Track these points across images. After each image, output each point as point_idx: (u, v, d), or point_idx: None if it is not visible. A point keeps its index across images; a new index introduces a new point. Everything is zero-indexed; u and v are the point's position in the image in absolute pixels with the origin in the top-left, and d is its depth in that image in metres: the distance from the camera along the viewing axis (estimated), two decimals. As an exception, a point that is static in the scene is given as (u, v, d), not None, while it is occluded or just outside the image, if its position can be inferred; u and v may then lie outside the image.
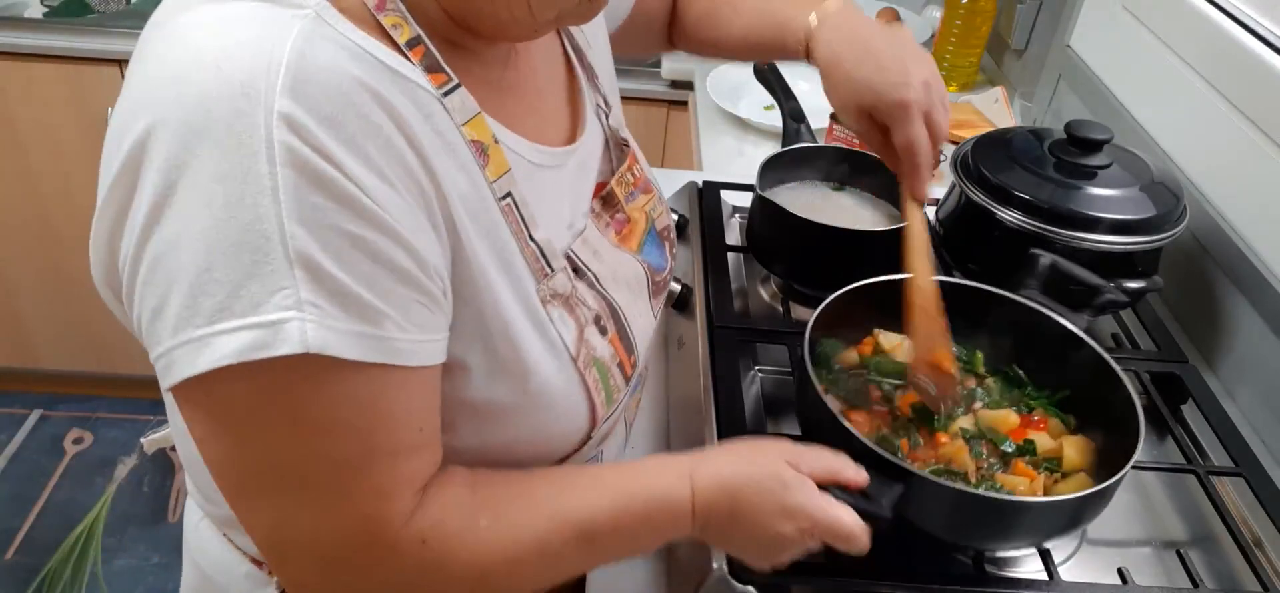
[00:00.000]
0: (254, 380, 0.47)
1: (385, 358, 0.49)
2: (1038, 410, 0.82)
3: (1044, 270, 0.90)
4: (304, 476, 0.51)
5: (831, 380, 0.82)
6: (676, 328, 1.01)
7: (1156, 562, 0.82)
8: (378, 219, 0.48)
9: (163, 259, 0.47)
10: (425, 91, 0.53)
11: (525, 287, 0.59)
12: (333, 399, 0.49)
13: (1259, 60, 0.99)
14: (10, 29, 1.75)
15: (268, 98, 0.45)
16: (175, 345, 0.47)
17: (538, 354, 0.60)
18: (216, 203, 0.45)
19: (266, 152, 0.45)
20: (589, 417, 0.65)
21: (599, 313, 0.65)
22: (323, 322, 0.46)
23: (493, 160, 0.58)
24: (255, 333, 0.46)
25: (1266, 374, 0.95)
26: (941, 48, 1.71)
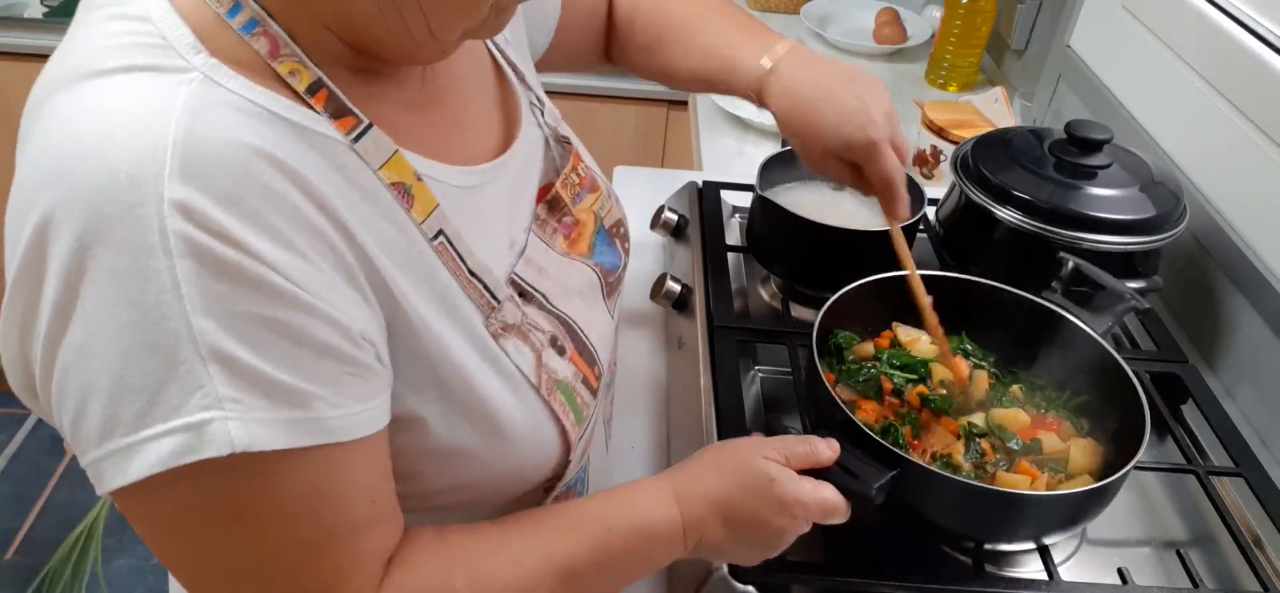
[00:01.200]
0: (189, 484, 0.45)
1: (319, 438, 0.47)
2: (1053, 413, 0.82)
3: (1068, 274, 0.91)
4: (259, 569, 0.49)
5: (843, 371, 0.82)
6: (676, 328, 1.01)
7: (1156, 562, 0.82)
8: (292, 298, 0.45)
9: (74, 368, 0.45)
10: (332, 141, 0.50)
11: (473, 325, 0.57)
12: (274, 491, 0.47)
13: (1259, 60, 0.99)
14: (10, 29, 1.75)
15: (156, 186, 0.42)
16: (101, 456, 0.45)
17: (496, 392, 0.57)
18: (120, 306, 0.43)
19: (161, 245, 0.42)
20: (562, 442, 0.62)
21: (554, 334, 0.63)
22: (246, 416, 0.44)
23: (418, 200, 0.54)
24: (179, 438, 0.43)
25: (1266, 374, 0.95)
26: (941, 48, 1.71)
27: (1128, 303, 0.87)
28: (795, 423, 0.91)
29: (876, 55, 1.84)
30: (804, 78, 0.77)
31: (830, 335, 0.84)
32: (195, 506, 0.47)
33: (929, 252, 1.11)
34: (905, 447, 0.75)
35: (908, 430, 0.77)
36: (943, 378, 0.82)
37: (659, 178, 1.32)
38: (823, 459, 0.65)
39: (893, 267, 0.85)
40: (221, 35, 0.48)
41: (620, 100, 1.82)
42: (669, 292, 1.00)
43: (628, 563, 0.62)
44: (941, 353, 0.80)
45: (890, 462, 0.67)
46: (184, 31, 0.47)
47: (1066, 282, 0.90)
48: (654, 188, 1.24)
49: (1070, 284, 0.90)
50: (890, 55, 1.84)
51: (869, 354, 0.84)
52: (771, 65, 0.78)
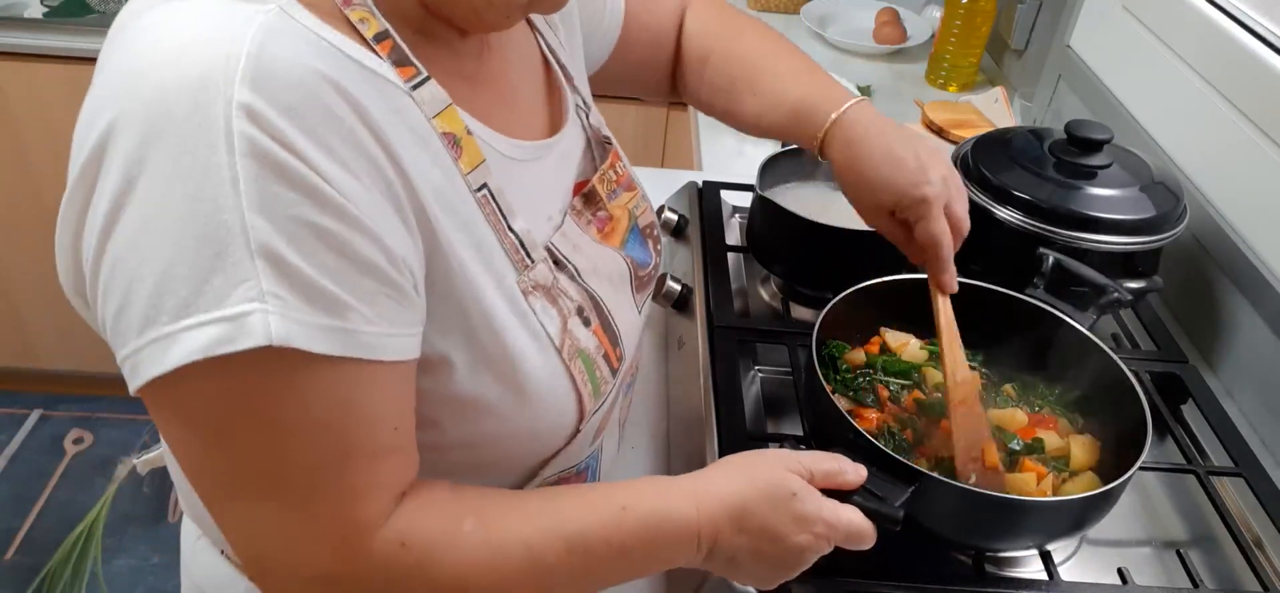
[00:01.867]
0: (222, 378, 0.46)
1: (351, 351, 0.48)
2: (1047, 409, 0.82)
3: (1049, 269, 0.90)
4: (277, 478, 0.50)
5: (838, 381, 0.82)
6: (676, 328, 1.01)
7: (1156, 562, 0.82)
8: (341, 210, 0.47)
9: (125, 257, 0.46)
10: (393, 85, 0.53)
11: (506, 278, 0.59)
12: (302, 396, 0.48)
13: (1259, 60, 0.99)
14: (10, 29, 1.75)
15: (226, 89, 0.45)
16: (141, 345, 0.46)
17: (522, 344, 0.59)
18: (177, 197, 0.45)
19: (226, 142, 0.44)
20: (576, 409, 0.63)
21: (581, 304, 0.64)
22: (286, 314, 0.45)
23: (466, 152, 0.57)
24: (220, 327, 0.45)
25: (1266, 374, 0.95)
26: (941, 48, 1.71)
27: (1110, 296, 0.88)
28: (795, 427, 0.91)
29: (876, 55, 1.84)
30: (867, 132, 0.77)
31: (823, 346, 0.84)
32: (224, 405, 0.48)
33: (929, 252, 1.11)
34: (912, 454, 0.75)
35: (909, 433, 0.77)
36: (937, 382, 0.82)
37: (659, 178, 1.32)
38: (849, 481, 0.64)
39: (892, 269, 0.85)
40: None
41: (620, 100, 1.82)
42: (669, 292, 1.00)
43: (638, 550, 0.60)
44: (988, 446, 0.74)
45: (908, 477, 0.66)
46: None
47: (1048, 278, 0.90)
48: (654, 188, 1.23)
49: (1056, 282, 0.90)
50: (890, 55, 1.84)
51: (861, 362, 0.84)
52: (837, 116, 0.78)
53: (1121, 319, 1.06)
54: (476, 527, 0.56)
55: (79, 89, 0.51)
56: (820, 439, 0.76)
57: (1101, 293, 0.88)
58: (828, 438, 0.73)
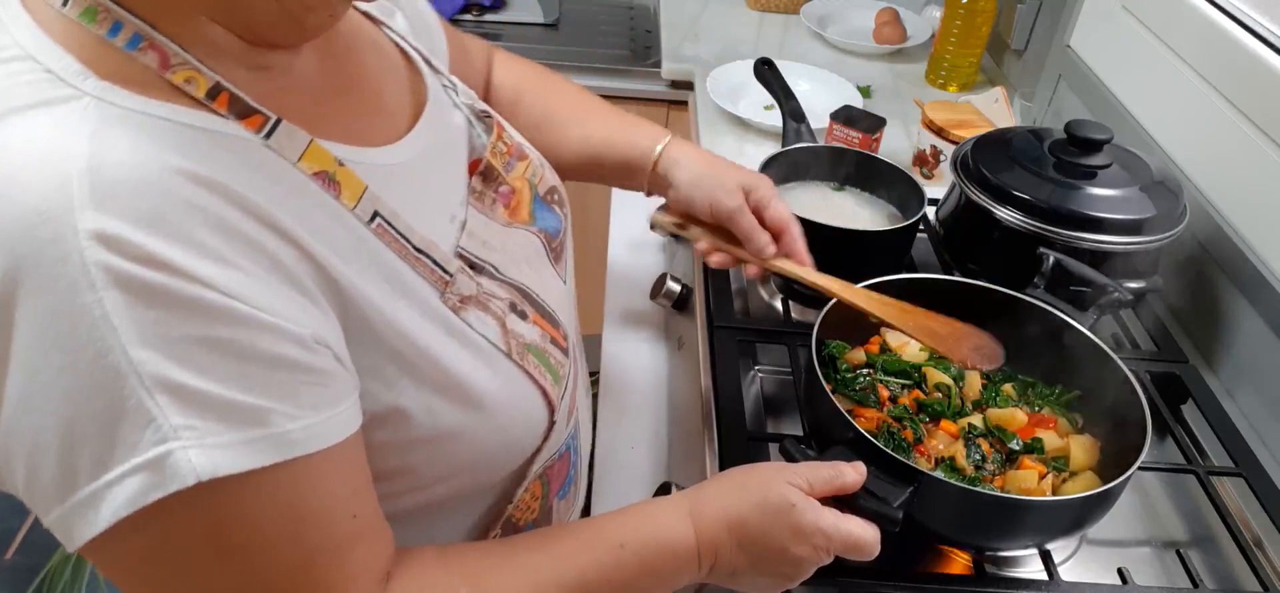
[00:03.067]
0: (159, 523, 0.43)
1: (284, 454, 0.45)
2: (1047, 409, 0.82)
3: (1049, 269, 0.91)
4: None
5: (838, 381, 0.82)
6: (676, 328, 1.01)
7: (1156, 562, 0.82)
8: (230, 312, 0.43)
9: (20, 424, 0.43)
10: (245, 140, 0.48)
11: (430, 302, 0.55)
12: (246, 517, 0.45)
13: (1259, 60, 0.99)
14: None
15: (68, 219, 0.40)
16: (66, 512, 0.43)
17: (469, 366, 0.56)
18: (54, 351, 0.41)
19: (85, 279, 0.40)
20: (544, 403, 0.62)
21: (513, 300, 0.62)
22: (204, 442, 0.42)
23: (345, 186, 0.52)
24: (141, 477, 0.42)
25: (1266, 374, 0.95)
26: (941, 48, 1.71)
27: (1110, 296, 0.88)
28: (795, 427, 0.91)
29: (876, 55, 1.84)
30: (690, 156, 0.85)
31: (822, 346, 0.84)
32: (168, 545, 0.45)
33: (929, 252, 1.11)
34: (912, 454, 0.75)
35: (908, 433, 0.77)
36: (937, 382, 0.82)
37: (659, 178, 1.32)
38: (849, 484, 0.63)
39: (896, 267, 0.85)
40: (107, 57, 0.45)
41: (620, 100, 1.82)
42: (669, 292, 1.01)
43: (640, 582, 0.60)
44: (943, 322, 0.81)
45: (908, 477, 0.66)
46: (68, 60, 0.44)
47: (1048, 278, 0.90)
48: (654, 188, 1.24)
49: (1056, 282, 0.90)
50: (890, 55, 1.84)
51: (861, 361, 0.84)
52: (663, 147, 0.86)
53: (1121, 319, 1.06)
54: (473, 591, 0.55)
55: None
56: (820, 439, 0.76)
57: (1101, 293, 0.88)
58: (828, 438, 0.73)
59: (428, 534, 0.62)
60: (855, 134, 1.32)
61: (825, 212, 1.03)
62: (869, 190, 1.11)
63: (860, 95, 1.63)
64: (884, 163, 1.10)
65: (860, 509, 0.63)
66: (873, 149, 1.31)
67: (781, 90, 1.30)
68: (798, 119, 1.26)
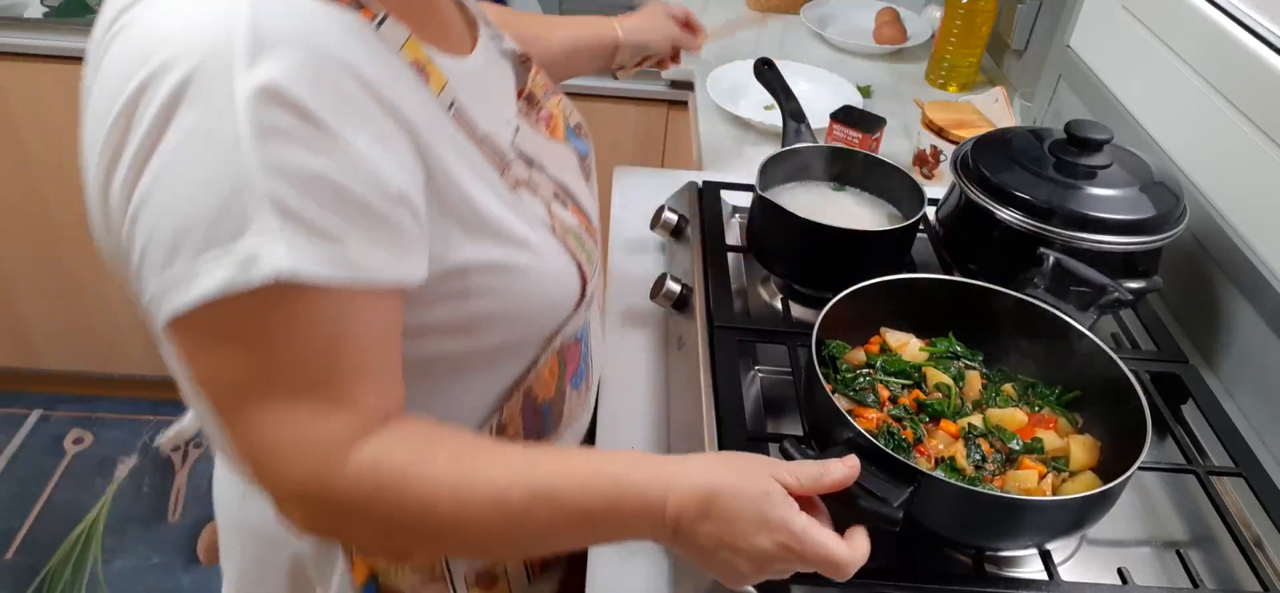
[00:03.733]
0: (236, 306, 0.53)
1: (348, 276, 0.55)
2: (1047, 409, 0.82)
3: (1049, 269, 0.90)
4: (275, 386, 0.56)
5: (838, 381, 0.82)
6: (676, 328, 1.01)
7: (1156, 562, 0.82)
8: (337, 156, 0.54)
9: (149, 203, 0.53)
10: (363, 26, 0.59)
11: (491, 179, 0.67)
12: (303, 316, 0.55)
13: (1259, 60, 0.99)
14: (10, 29, 1.75)
15: (230, 56, 0.51)
16: (164, 284, 0.53)
17: (521, 233, 0.68)
18: (195, 151, 0.52)
19: (232, 106, 0.51)
20: (578, 276, 0.74)
21: (556, 190, 0.76)
22: (292, 249, 0.52)
23: (432, 76, 0.64)
24: (231, 266, 0.52)
25: (1266, 374, 0.95)
26: (941, 48, 1.71)
27: (1110, 296, 0.88)
28: (795, 427, 0.91)
29: (876, 55, 1.84)
30: (642, 25, 1.20)
31: (822, 346, 0.84)
32: (236, 331, 0.55)
33: (929, 252, 1.11)
34: (911, 454, 0.75)
35: (908, 433, 0.77)
36: (937, 382, 0.82)
37: (659, 178, 1.32)
38: (836, 478, 0.62)
39: (890, 270, 0.85)
40: None
41: (620, 100, 1.82)
42: (669, 292, 1.00)
43: (603, 515, 0.61)
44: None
45: (908, 477, 0.66)
46: None
47: (1048, 278, 0.90)
48: (654, 188, 1.24)
49: (1056, 282, 0.90)
50: (890, 55, 1.84)
51: (861, 362, 0.84)
52: (622, 33, 1.17)
53: (1121, 319, 1.06)
54: (450, 460, 0.60)
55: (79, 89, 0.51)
56: (820, 439, 0.76)
57: (1101, 293, 0.88)
58: (828, 438, 0.73)
59: (459, 389, 0.73)
60: (855, 134, 1.32)
61: (825, 212, 1.03)
62: (869, 190, 1.11)
63: (860, 95, 1.63)
64: (884, 163, 1.10)
65: (861, 509, 0.63)
66: (873, 149, 1.31)
67: (781, 90, 1.30)
68: (798, 119, 1.26)
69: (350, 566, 0.78)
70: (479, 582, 0.83)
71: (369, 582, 0.79)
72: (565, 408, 0.83)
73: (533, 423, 0.80)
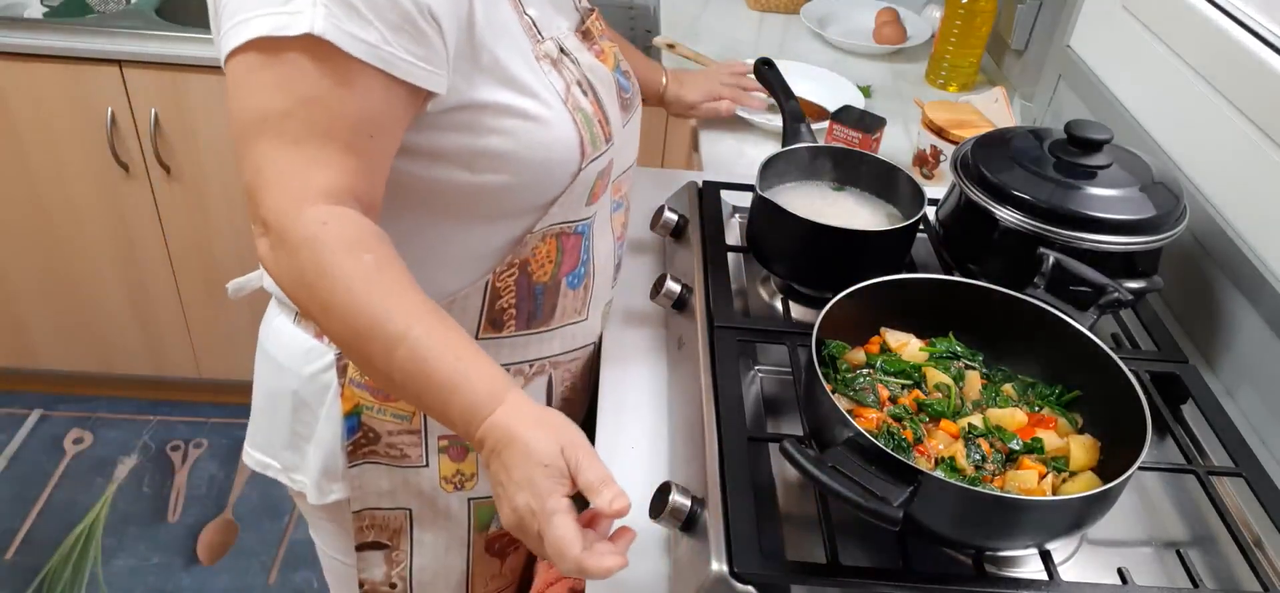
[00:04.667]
0: (274, 50, 0.65)
1: (370, 56, 0.66)
2: (1047, 409, 0.82)
3: (1049, 269, 0.90)
4: (279, 125, 0.66)
5: (838, 381, 0.82)
6: (676, 328, 1.01)
7: (1156, 562, 0.82)
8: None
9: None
10: None
11: (521, 43, 0.78)
12: (320, 76, 0.66)
13: (1259, 60, 0.99)
14: (10, 29, 1.75)
15: None
16: (231, 26, 0.66)
17: (534, 90, 0.78)
18: None
19: None
20: (578, 147, 0.82)
21: (581, 80, 0.84)
22: (329, 17, 0.64)
23: None
24: (281, 17, 0.64)
25: (1266, 374, 0.95)
26: (941, 48, 1.71)
27: (1110, 296, 0.88)
28: (795, 426, 0.91)
29: (876, 55, 1.84)
30: (686, 80, 1.38)
31: (822, 346, 0.84)
32: (269, 66, 0.66)
33: (929, 252, 1.11)
34: (911, 454, 0.75)
35: (908, 433, 0.77)
36: (937, 382, 0.82)
37: (659, 178, 1.32)
38: (599, 508, 0.66)
39: (896, 267, 0.85)
40: None
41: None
42: (669, 292, 1.00)
43: (440, 395, 0.68)
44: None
45: (907, 477, 0.66)
46: None
47: (1048, 278, 0.90)
48: (654, 188, 1.24)
49: (1056, 282, 0.90)
50: (890, 55, 1.84)
51: (861, 362, 0.84)
52: (667, 84, 1.36)
53: (1121, 319, 1.06)
54: (372, 265, 0.67)
55: (79, 89, 0.52)
56: (820, 439, 0.76)
57: (1101, 293, 0.88)
58: (828, 438, 0.73)
59: (460, 231, 0.84)
60: (855, 134, 1.32)
61: (825, 212, 1.03)
62: (869, 190, 1.11)
63: (861, 95, 1.63)
64: (884, 163, 1.10)
65: (861, 509, 0.63)
66: (873, 149, 1.31)
67: (781, 90, 1.30)
68: (798, 119, 1.26)
69: (340, 394, 0.89)
70: (449, 451, 0.95)
71: (353, 414, 0.91)
72: (559, 302, 0.92)
73: (526, 304, 0.90)
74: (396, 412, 0.91)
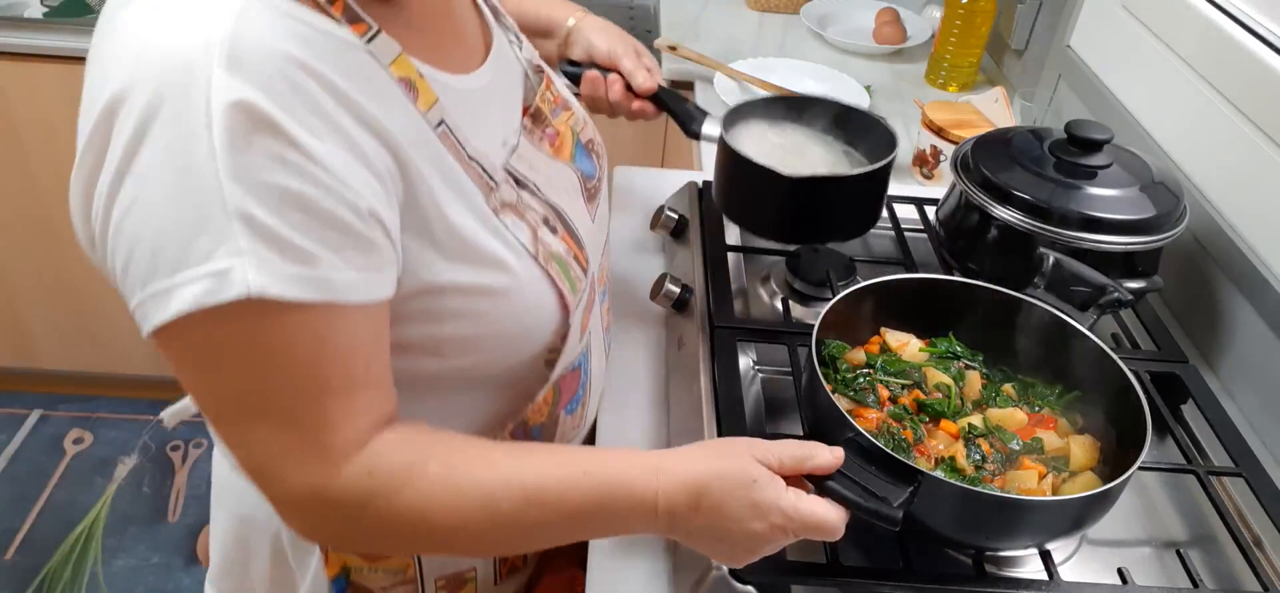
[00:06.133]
0: (214, 323, 0.54)
1: (322, 295, 0.55)
2: (1047, 409, 0.82)
3: (1049, 269, 0.91)
4: (266, 405, 0.57)
5: (838, 381, 0.82)
6: (676, 328, 1.01)
7: (1156, 562, 0.82)
8: (307, 172, 0.54)
9: (128, 220, 0.53)
10: (352, 44, 0.59)
11: (475, 200, 0.66)
12: (281, 336, 0.55)
13: (1259, 60, 0.99)
14: (10, 29, 1.75)
15: (206, 71, 0.51)
16: (144, 298, 0.54)
17: (499, 256, 0.67)
18: (169, 169, 0.52)
19: (206, 119, 0.51)
20: (559, 304, 0.72)
21: (546, 215, 0.73)
22: (262, 267, 0.52)
23: (422, 93, 0.63)
24: (207, 282, 0.52)
25: (1266, 374, 0.95)
26: (941, 48, 1.71)
27: (1110, 296, 0.88)
28: (795, 427, 0.91)
29: (876, 55, 1.84)
30: (599, 22, 1.07)
31: (822, 346, 0.84)
32: (217, 346, 0.56)
33: (929, 252, 1.11)
34: (911, 454, 0.75)
35: (908, 433, 0.77)
36: (937, 382, 0.82)
37: (659, 178, 1.32)
38: (821, 464, 0.64)
39: (887, 269, 0.85)
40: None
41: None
42: (669, 292, 1.00)
43: (595, 513, 0.64)
44: None
45: (907, 477, 0.66)
46: None
47: (1048, 278, 0.90)
48: (654, 188, 1.24)
49: (1056, 282, 0.90)
50: (890, 55, 1.84)
51: (861, 361, 0.84)
52: (582, 17, 1.07)
53: (1121, 319, 1.06)
54: (441, 468, 0.61)
55: (79, 89, 0.52)
56: (820, 439, 0.76)
57: (1101, 293, 0.88)
58: (828, 438, 0.73)
59: (449, 412, 0.73)
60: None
61: (789, 159, 0.96)
62: (843, 142, 1.03)
63: (866, 94, 1.62)
64: (859, 111, 1.03)
65: (860, 509, 0.63)
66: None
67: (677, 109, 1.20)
68: (700, 114, 1.19)
69: (324, 560, 0.80)
70: (448, 585, 0.85)
71: (340, 576, 0.82)
72: (557, 430, 0.82)
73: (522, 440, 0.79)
74: (389, 569, 0.82)
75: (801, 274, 1.07)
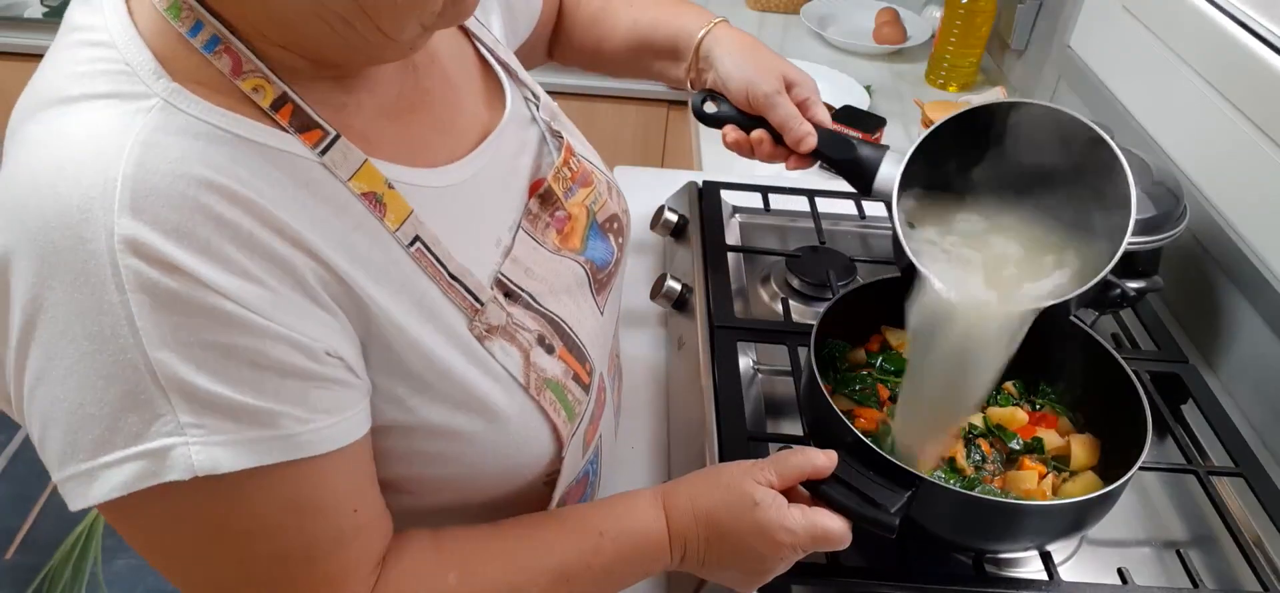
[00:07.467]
0: (162, 504, 0.46)
1: (290, 455, 0.47)
2: (1047, 409, 0.82)
3: None
4: (247, 580, 0.50)
5: (838, 381, 0.82)
6: (676, 328, 1.01)
7: (1156, 562, 0.82)
8: (246, 322, 0.45)
9: (36, 393, 0.45)
10: (300, 158, 0.49)
11: (456, 328, 0.56)
12: (250, 508, 0.48)
13: (1259, 60, 0.99)
14: (10, 29, 1.75)
15: (106, 219, 0.43)
16: (64, 478, 0.46)
17: (484, 392, 0.57)
18: (76, 339, 0.44)
19: (114, 280, 0.43)
20: (553, 438, 0.62)
21: (542, 332, 0.62)
22: (209, 440, 0.45)
23: (391, 208, 0.53)
24: (140, 463, 0.44)
25: (1266, 374, 0.95)
26: (941, 48, 1.71)
27: (1110, 296, 0.88)
28: (795, 427, 0.91)
29: (876, 55, 1.84)
30: (734, 40, 0.88)
31: (823, 345, 0.84)
32: (172, 524, 0.48)
33: (929, 252, 1.11)
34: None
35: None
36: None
37: (659, 178, 1.32)
38: (819, 467, 0.64)
39: (888, 269, 0.85)
40: (184, 57, 0.47)
41: (620, 100, 1.82)
42: (669, 292, 1.00)
43: (619, 569, 0.63)
44: None
45: (905, 481, 0.66)
46: (146, 56, 0.47)
47: None
48: (654, 188, 1.24)
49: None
50: (890, 55, 1.84)
51: (861, 362, 0.84)
52: (708, 30, 0.88)
53: (1121, 319, 1.06)
54: (461, 579, 0.58)
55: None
56: (820, 439, 0.76)
57: (1106, 288, 0.88)
58: (827, 438, 0.73)
59: None
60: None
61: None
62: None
63: (866, 94, 1.62)
64: None
65: (856, 516, 0.63)
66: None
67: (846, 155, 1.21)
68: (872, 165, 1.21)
69: None
70: None
71: None
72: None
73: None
74: None
75: (801, 274, 1.07)
